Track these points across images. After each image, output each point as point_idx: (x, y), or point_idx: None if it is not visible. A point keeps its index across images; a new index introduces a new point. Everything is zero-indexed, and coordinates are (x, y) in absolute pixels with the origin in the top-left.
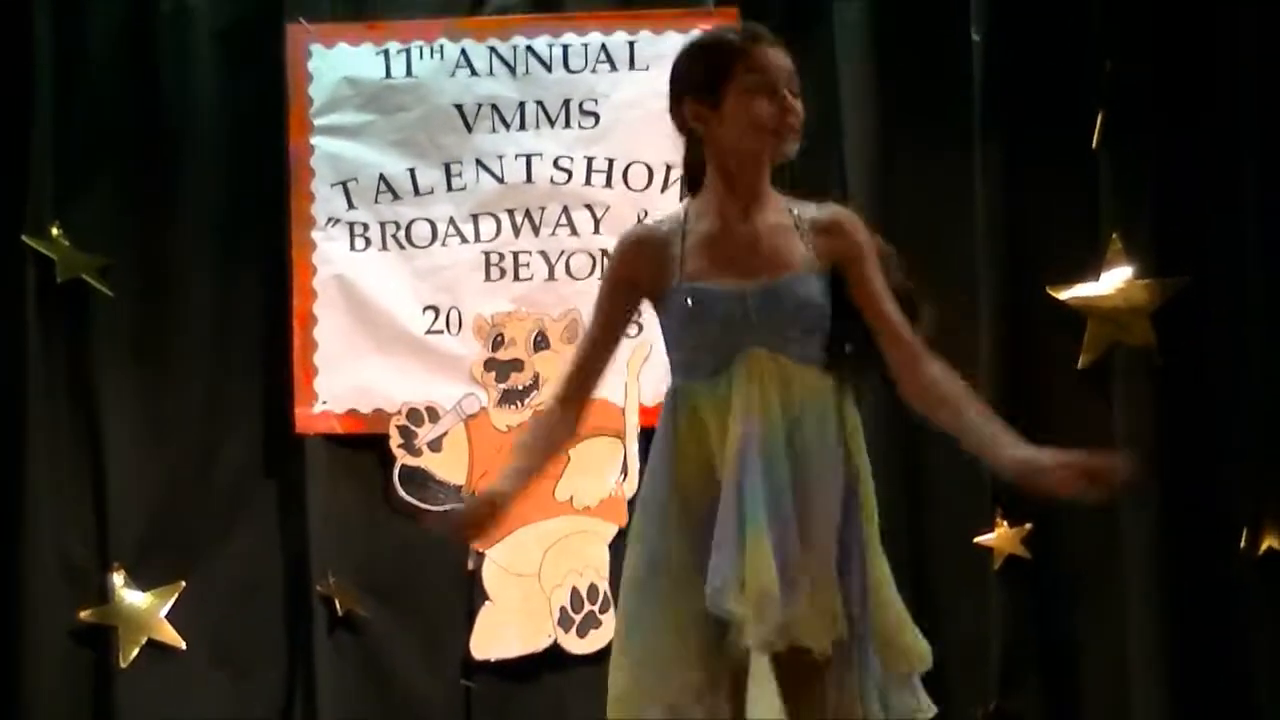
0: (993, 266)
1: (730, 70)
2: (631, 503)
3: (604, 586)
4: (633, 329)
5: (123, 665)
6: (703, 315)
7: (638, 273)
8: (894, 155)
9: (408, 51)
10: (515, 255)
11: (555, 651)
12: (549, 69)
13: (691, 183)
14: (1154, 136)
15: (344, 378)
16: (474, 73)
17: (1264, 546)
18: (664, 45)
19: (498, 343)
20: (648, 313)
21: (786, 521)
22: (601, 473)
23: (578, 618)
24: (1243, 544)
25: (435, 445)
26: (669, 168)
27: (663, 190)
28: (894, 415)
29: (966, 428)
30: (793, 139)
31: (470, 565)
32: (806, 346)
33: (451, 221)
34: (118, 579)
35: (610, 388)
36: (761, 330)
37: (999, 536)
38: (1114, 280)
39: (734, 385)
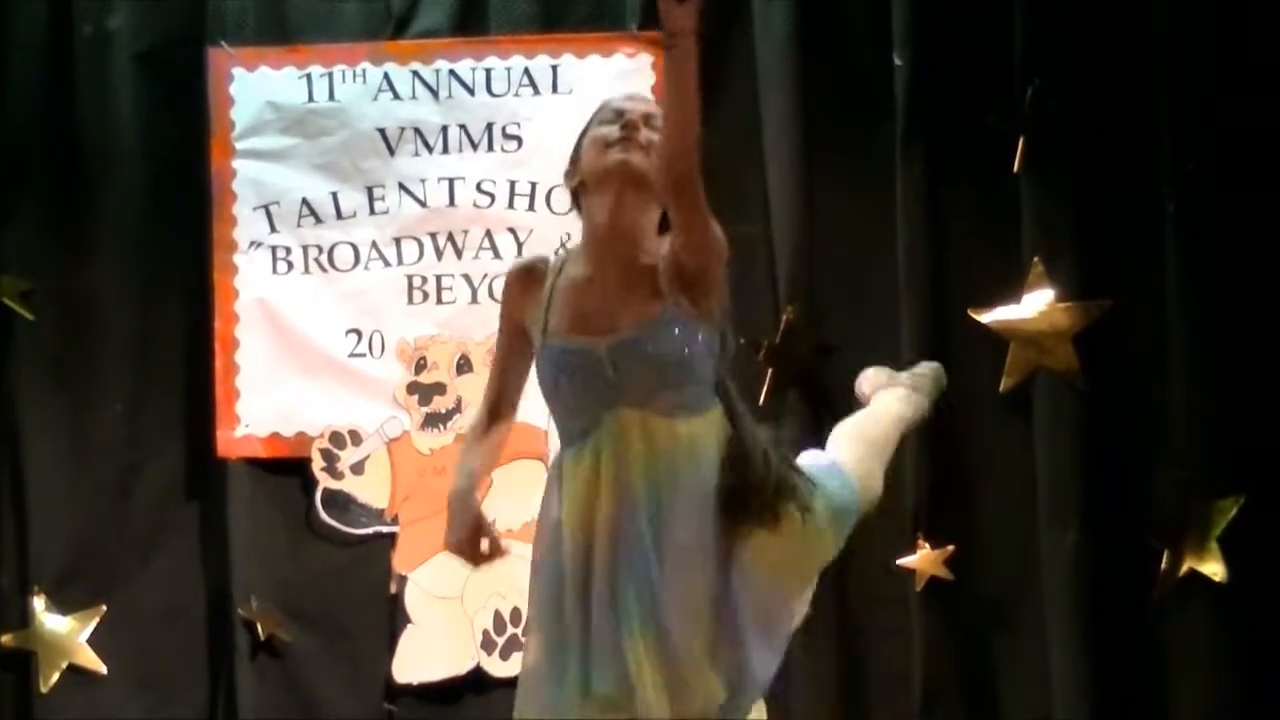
0: (914, 289)
1: (587, 127)
2: None
3: (527, 609)
4: None
5: (43, 690)
6: (561, 378)
7: (519, 310)
8: (816, 177)
9: (330, 75)
10: (438, 279)
11: (478, 674)
12: (472, 93)
13: None
14: (1075, 160)
15: (266, 401)
16: (397, 96)
17: (1184, 569)
18: (587, 69)
19: (420, 366)
20: None
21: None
22: (524, 496)
23: (501, 640)
24: (1164, 566)
25: (358, 468)
26: None
27: None
28: (812, 438)
29: None
30: (634, 150)
31: (393, 588)
32: (681, 395)
33: (374, 245)
34: (38, 603)
35: (532, 411)
36: (626, 388)
37: (921, 559)
38: (1036, 303)
39: (601, 458)
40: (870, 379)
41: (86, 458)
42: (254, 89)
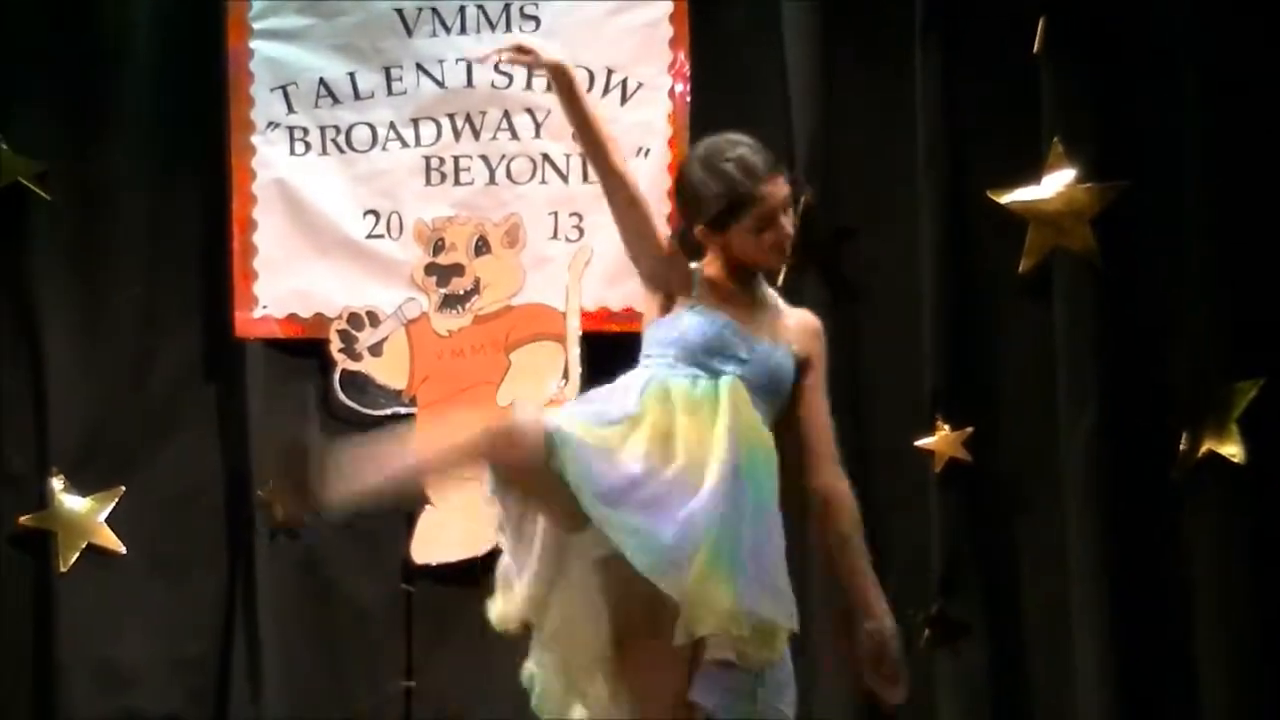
0: (933, 170)
1: (739, 212)
2: None
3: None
4: (574, 233)
5: (62, 570)
6: (709, 333)
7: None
8: (836, 59)
9: None
10: (456, 160)
11: (495, 556)
12: None
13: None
14: (1096, 40)
15: (284, 282)
16: None
17: (1203, 449)
18: None
19: (438, 247)
20: (590, 216)
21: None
22: (542, 378)
23: None
24: (1182, 447)
25: (376, 350)
26: (610, 71)
27: (603, 94)
28: (832, 325)
29: (836, 559)
30: (785, 258)
31: None
32: (768, 408)
33: (392, 126)
34: (57, 484)
35: (551, 292)
36: (747, 372)
37: (940, 440)
38: (1055, 184)
39: (720, 400)
40: None
41: (104, 338)
42: None
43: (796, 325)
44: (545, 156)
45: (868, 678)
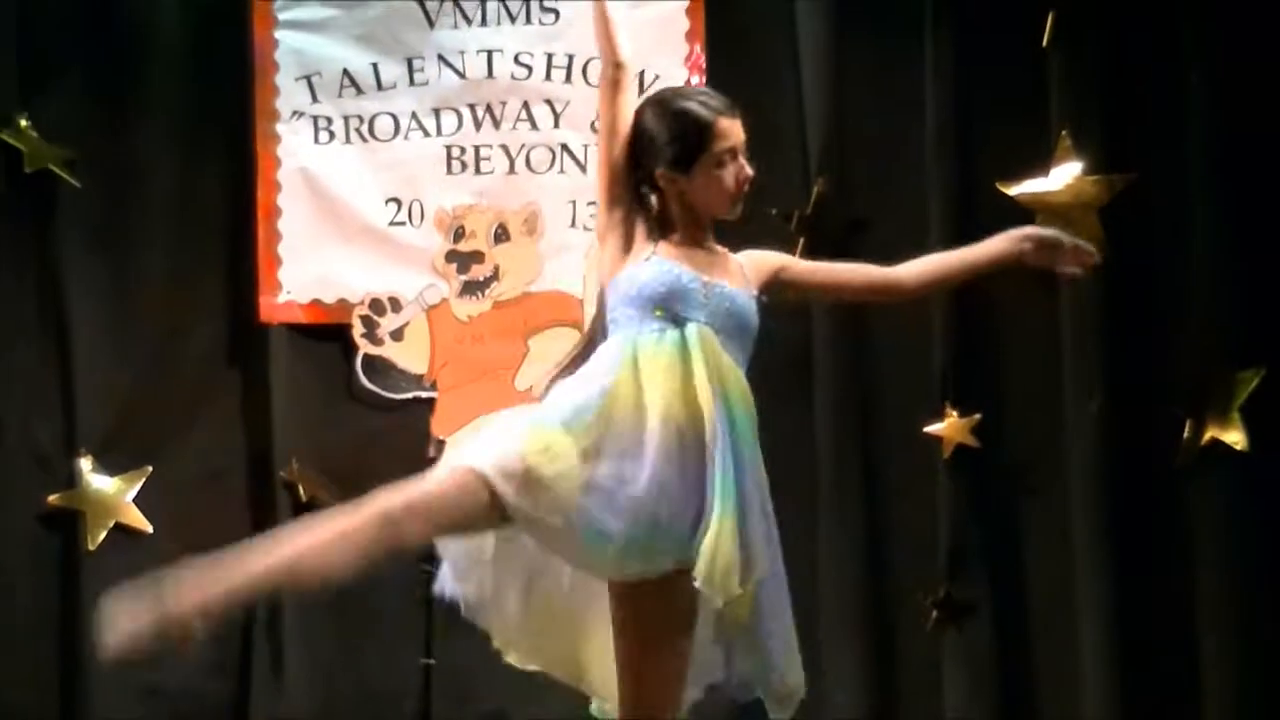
0: (943, 161)
1: (702, 148)
2: None
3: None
4: (592, 222)
5: (90, 549)
6: (660, 288)
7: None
8: (846, 51)
9: None
10: (476, 149)
11: None
12: None
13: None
14: (1103, 34)
15: (308, 268)
16: None
17: (1207, 437)
18: None
19: (458, 235)
20: None
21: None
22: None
23: None
24: (1186, 434)
25: (397, 335)
26: None
27: None
28: (843, 313)
29: (949, 270)
30: (740, 203)
31: (431, 453)
32: (739, 350)
33: (414, 116)
34: (85, 464)
35: (569, 280)
36: (710, 317)
37: (948, 426)
38: (1063, 176)
39: (690, 350)
40: None
41: (132, 323)
42: None
43: (747, 262)
44: (564, 146)
45: (1064, 269)
